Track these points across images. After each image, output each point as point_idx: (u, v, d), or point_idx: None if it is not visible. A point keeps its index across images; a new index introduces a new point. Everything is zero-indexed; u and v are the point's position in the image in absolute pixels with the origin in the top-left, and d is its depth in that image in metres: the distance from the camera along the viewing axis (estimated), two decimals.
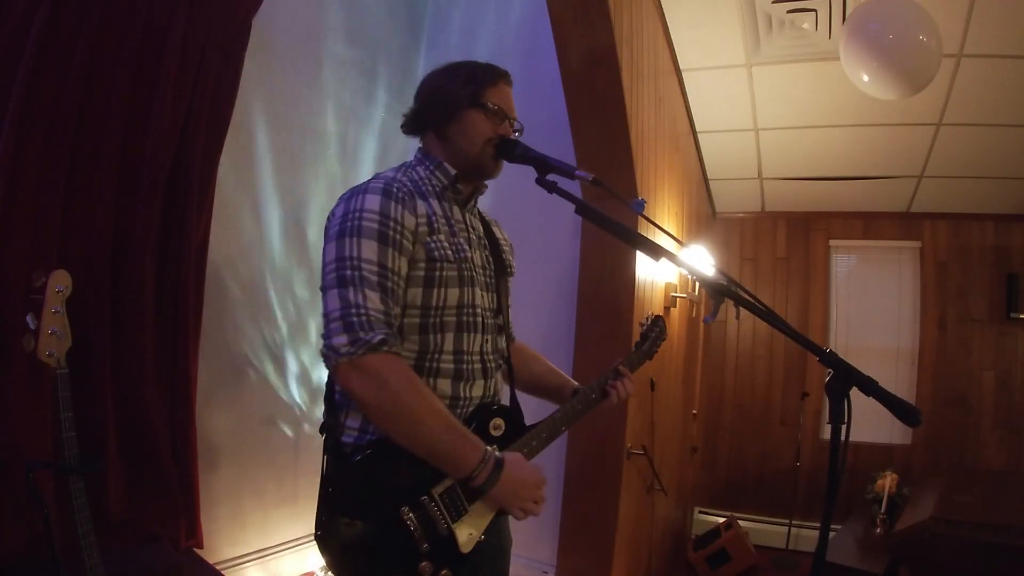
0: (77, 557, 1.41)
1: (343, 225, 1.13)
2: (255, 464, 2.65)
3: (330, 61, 3.03)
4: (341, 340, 1.06)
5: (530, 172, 1.27)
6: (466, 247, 1.26)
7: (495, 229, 1.45)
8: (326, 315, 1.10)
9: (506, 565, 1.40)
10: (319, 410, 1.42)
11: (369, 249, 1.11)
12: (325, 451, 1.22)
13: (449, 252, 1.21)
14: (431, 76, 1.34)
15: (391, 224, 1.13)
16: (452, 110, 1.27)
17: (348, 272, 1.09)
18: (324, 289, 1.12)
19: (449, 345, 1.22)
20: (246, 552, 2.60)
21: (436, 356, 1.21)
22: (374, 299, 1.09)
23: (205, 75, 2.16)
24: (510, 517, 1.33)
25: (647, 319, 1.67)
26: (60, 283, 1.43)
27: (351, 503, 1.12)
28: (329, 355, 1.08)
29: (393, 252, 1.13)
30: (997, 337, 3.85)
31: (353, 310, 1.07)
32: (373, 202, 1.14)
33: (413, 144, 1.38)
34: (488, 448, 1.13)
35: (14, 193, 1.70)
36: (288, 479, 2.77)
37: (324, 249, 1.15)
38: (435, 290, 1.19)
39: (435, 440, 1.10)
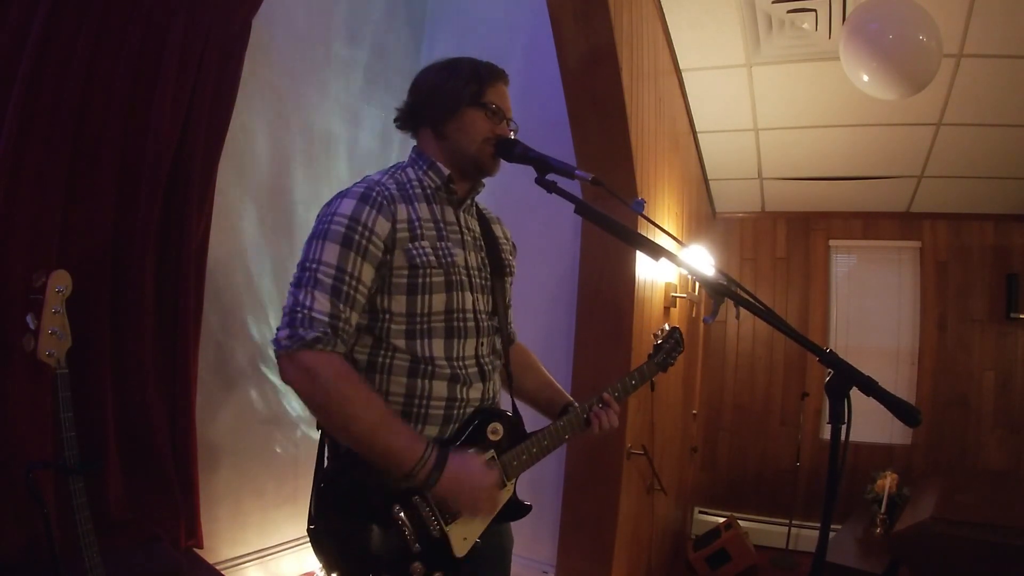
0: (77, 557, 1.41)
1: (316, 228, 1.16)
2: (255, 464, 2.65)
3: (330, 61, 3.03)
4: (282, 334, 1.10)
5: (530, 172, 1.26)
6: (456, 250, 1.24)
7: (495, 227, 1.43)
8: (282, 312, 1.14)
9: (507, 566, 1.40)
10: None
11: (330, 253, 1.12)
12: (320, 446, 1.23)
13: (433, 258, 1.19)
14: (430, 71, 1.32)
15: (359, 229, 1.14)
16: (452, 107, 1.26)
17: (306, 274, 1.12)
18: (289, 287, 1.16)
19: (440, 351, 1.21)
20: (246, 552, 2.59)
21: (429, 361, 1.20)
22: (322, 300, 1.11)
23: (205, 75, 2.16)
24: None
25: (662, 331, 1.63)
26: (60, 283, 1.43)
27: (344, 499, 1.13)
28: (274, 346, 1.11)
29: (355, 257, 1.13)
30: (997, 337, 3.85)
31: (299, 308, 1.10)
32: (347, 207, 1.15)
33: (412, 145, 1.37)
34: (430, 444, 1.11)
35: (14, 193, 1.70)
36: (288, 479, 2.77)
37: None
38: (419, 297, 1.19)
39: (369, 434, 1.09)
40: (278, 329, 1.12)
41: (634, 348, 2.64)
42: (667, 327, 1.65)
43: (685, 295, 3.34)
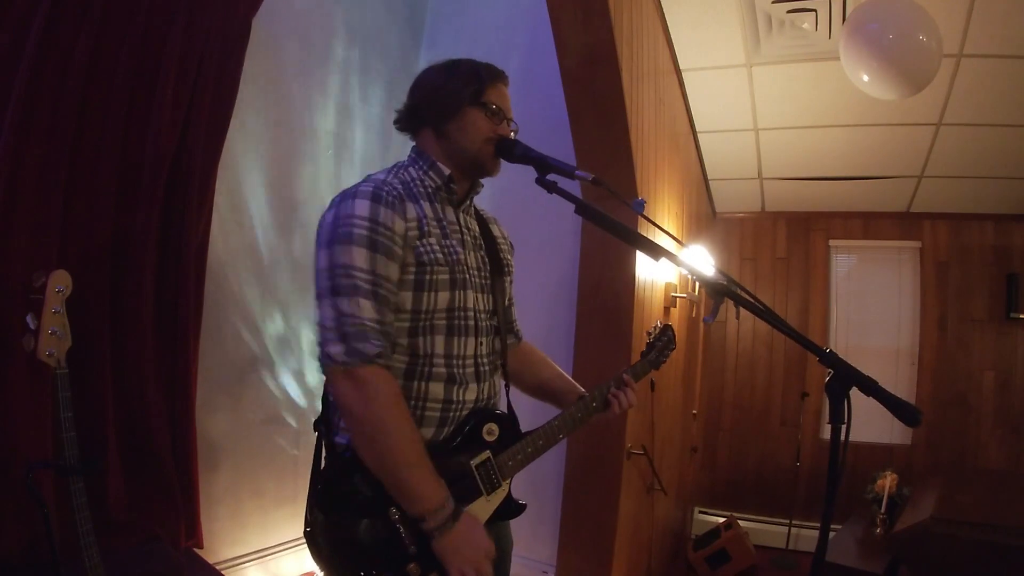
0: (77, 557, 1.41)
1: (334, 232, 1.13)
2: (255, 464, 2.65)
3: (330, 61, 3.03)
4: (337, 349, 1.08)
5: (530, 172, 1.26)
6: (459, 249, 1.25)
7: (493, 227, 1.43)
8: (321, 324, 1.11)
9: (506, 568, 1.40)
10: (318, 410, 1.41)
11: (361, 257, 1.11)
12: (317, 448, 1.22)
13: (440, 255, 1.20)
14: (429, 72, 1.32)
15: (381, 230, 1.13)
16: (452, 108, 1.26)
17: (342, 281, 1.10)
18: (319, 297, 1.13)
19: (440, 349, 1.21)
20: (246, 552, 2.60)
21: (427, 360, 1.20)
22: (368, 308, 1.09)
23: (205, 75, 2.16)
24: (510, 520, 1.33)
25: (655, 328, 1.63)
26: (60, 283, 1.43)
27: (341, 501, 1.13)
28: (325, 362, 1.09)
29: (384, 259, 1.13)
30: (997, 337, 3.85)
31: (348, 319, 1.08)
32: (363, 208, 1.13)
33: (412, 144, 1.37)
34: (448, 497, 1.11)
35: (14, 193, 1.70)
36: (288, 479, 2.77)
37: (316, 255, 1.15)
38: (425, 294, 1.18)
39: (402, 468, 1.08)
40: (323, 344, 1.10)
41: (634, 348, 2.64)
42: (659, 324, 1.64)
43: (685, 295, 3.34)
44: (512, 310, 1.49)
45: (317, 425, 1.24)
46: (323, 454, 1.22)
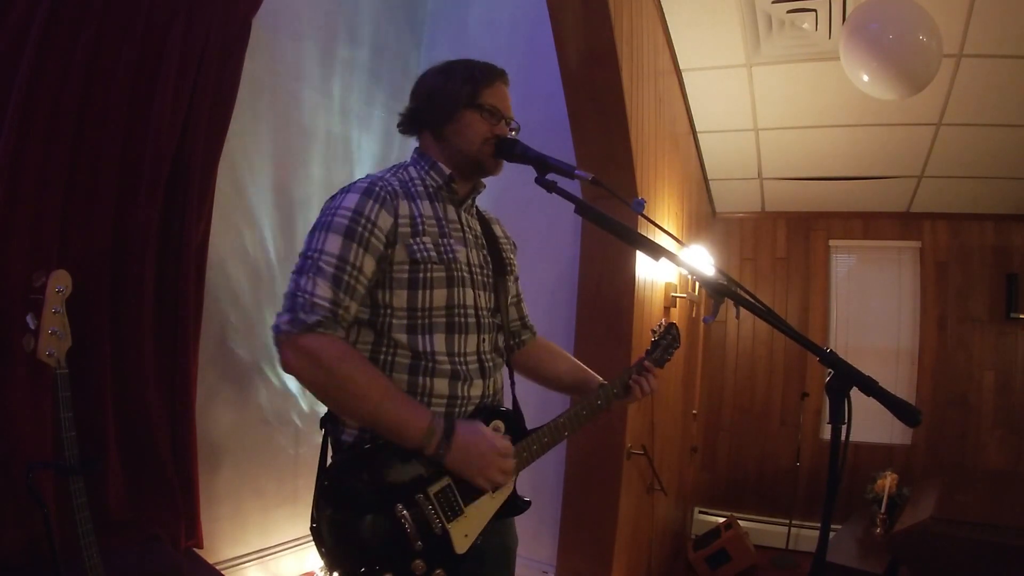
0: (77, 557, 1.41)
1: (318, 220, 1.19)
2: (255, 464, 2.65)
3: (330, 61, 3.03)
4: (283, 319, 1.11)
5: (530, 171, 1.26)
6: (458, 247, 1.26)
7: (495, 227, 1.45)
8: (284, 297, 1.15)
9: (511, 566, 1.40)
10: (319, 410, 1.42)
11: (333, 243, 1.14)
12: (324, 445, 1.23)
13: (433, 253, 1.21)
14: (428, 75, 1.34)
15: (361, 221, 1.16)
16: (449, 110, 1.27)
17: (308, 262, 1.14)
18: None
19: (441, 346, 1.22)
20: (246, 552, 2.60)
21: (430, 357, 1.21)
22: (323, 287, 1.12)
23: (205, 75, 2.16)
24: (514, 518, 1.33)
25: (660, 326, 1.62)
26: (60, 283, 1.44)
27: (346, 498, 1.13)
28: (273, 333, 1.13)
29: (357, 248, 1.15)
30: (997, 337, 3.85)
31: (299, 293, 1.12)
32: (351, 200, 1.17)
33: (412, 144, 1.38)
34: (435, 416, 1.14)
35: (14, 193, 1.70)
36: (288, 479, 2.77)
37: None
38: (420, 292, 1.20)
39: (375, 411, 1.11)
40: (278, 315, 1.13)
41: (634, 348, 2.64)
42: (664, 322, 1.63)
43: (685, 295, 3.34)
44: (523, 306, 1.52)
45: (324, 422, 1.25)
46: (329, 451, 1.22)
